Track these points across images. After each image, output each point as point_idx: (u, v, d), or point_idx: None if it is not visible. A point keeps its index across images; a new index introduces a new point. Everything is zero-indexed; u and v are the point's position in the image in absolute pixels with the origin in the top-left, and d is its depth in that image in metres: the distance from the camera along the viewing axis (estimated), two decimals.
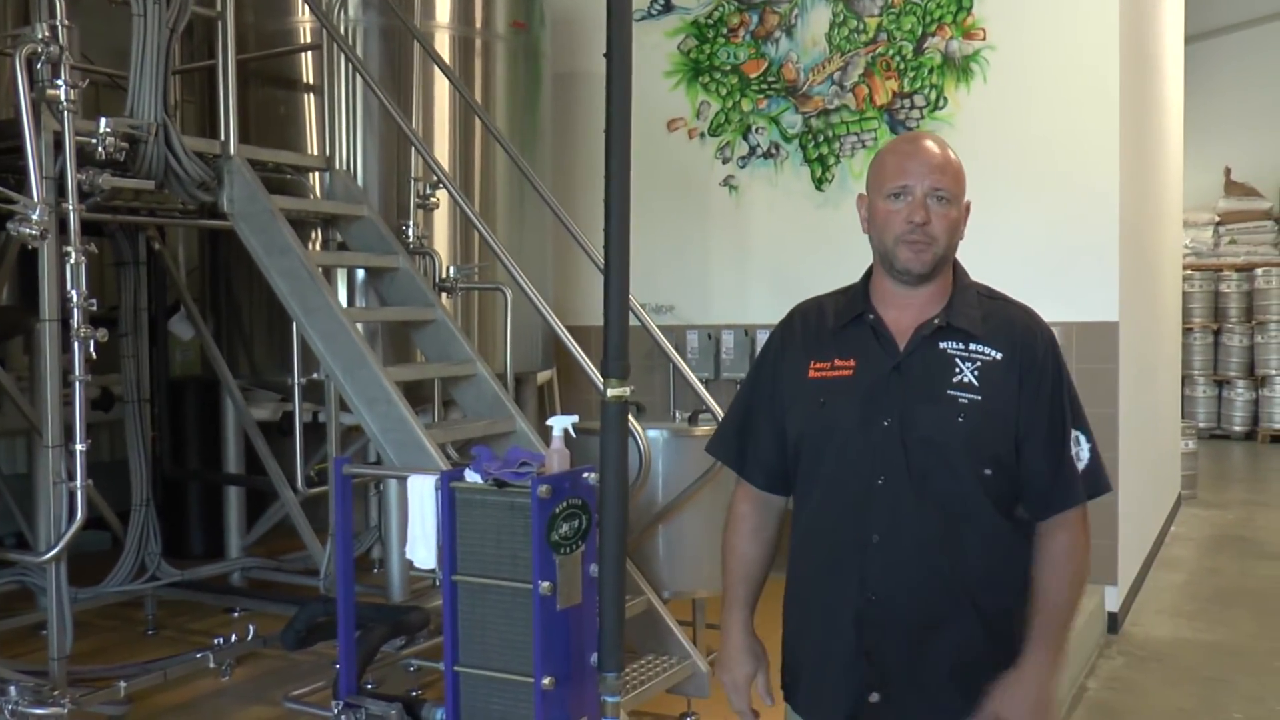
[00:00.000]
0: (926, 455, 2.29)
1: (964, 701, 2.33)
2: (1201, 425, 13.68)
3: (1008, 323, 2.37)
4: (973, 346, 2.33)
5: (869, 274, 2.47)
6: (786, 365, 2.49)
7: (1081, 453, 2.34)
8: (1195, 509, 10.13)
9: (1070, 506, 2.33)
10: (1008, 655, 2.33)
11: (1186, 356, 13.33)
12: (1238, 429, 14.36)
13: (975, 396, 2.29)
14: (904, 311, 2.38)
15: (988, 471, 2.29)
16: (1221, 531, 9.35)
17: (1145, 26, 7.43)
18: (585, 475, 3.54)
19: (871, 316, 2.40)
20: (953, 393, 2.29)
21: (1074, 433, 2.34)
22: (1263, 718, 5.29)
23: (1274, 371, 14.11)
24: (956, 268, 2.44)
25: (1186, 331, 13.37)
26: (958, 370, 2.31)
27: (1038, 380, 2.32)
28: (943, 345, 2.34)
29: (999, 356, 2.32)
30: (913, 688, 2.33)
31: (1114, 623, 6.39)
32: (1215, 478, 11.80)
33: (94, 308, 4.06)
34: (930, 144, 2.40)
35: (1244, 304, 14.45)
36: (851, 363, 2.38)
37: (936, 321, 2.35)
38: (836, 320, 2.45)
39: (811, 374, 2.41)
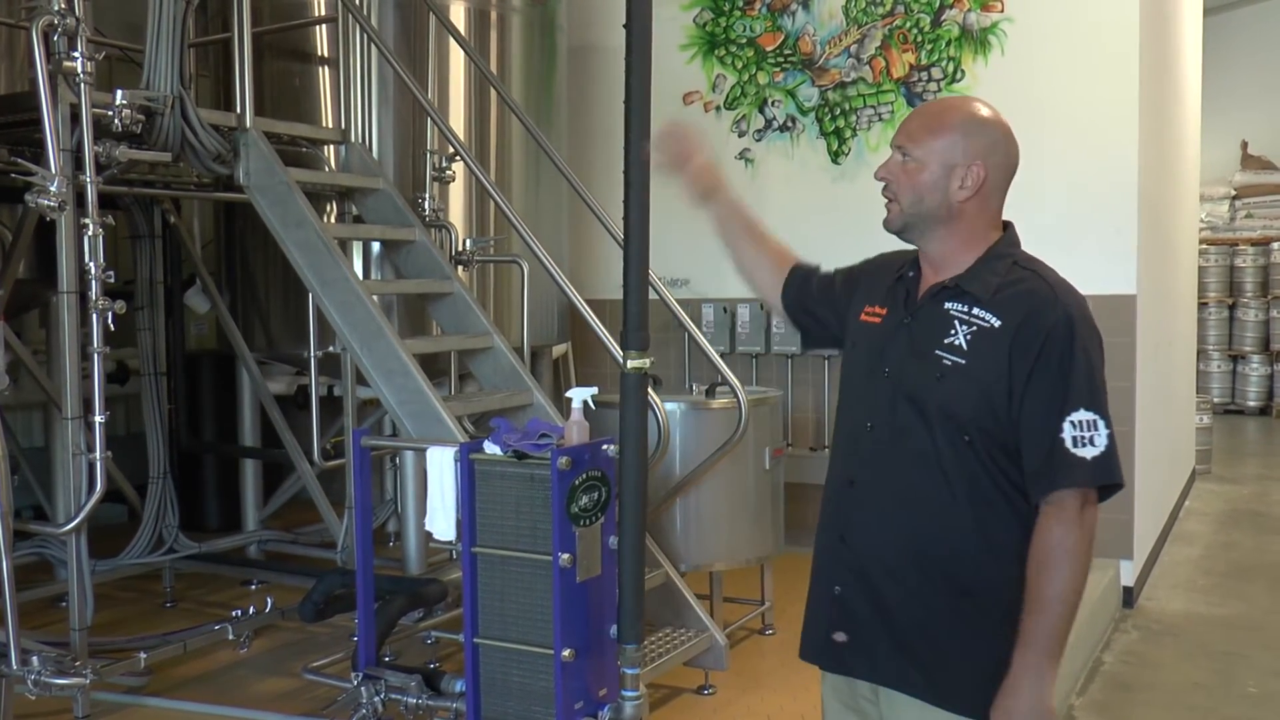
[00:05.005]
0: (908, 411, 2.32)
1: (928, 665, 2.31)
2: (1216, 400, 13.63)
3: (1026, 293, 2.29)
4: (975, 311, 2.30)
5: None
6: (856, 294, 2.58)
7: (1097, 438, 2.20)
8: (1209, 484, 10.11)
9: (1060, 488, 2.20)
10: (987, 632, 2.27)
11: (1201, 331, 13.27)
12: (1252, 404, 14.32)
13: (959, 360, 2.27)
14: (937, 273, 2.40)
15: (967, 438, 2.25)
16: (1236, 506, 9.34)
17: None
18: (605, 447, 3.54)
19: (911, 274, 2.45)
20: (939, 353, 2.30)
21: (1085, 415, 2.20)
22: (1278, 692, 5.29)
23: None
24: (1006, 233, 2.41)
25: (1201, 306, 13.30)
26: (952, 332, 2.30)
27: (1036, 355, 2.22)
28: (948, 305, 2.33)
29: (997, 325, 2.26)
30: (877, 636, 2.35)
31: (1129, 597, 6.39)
32: (1229, 452, 11.77)
33: (112, 280, 4.06)
34: (923, 105, 2.48)
35: (1260, 278, 14.39)
36: (884, 312, 2.46)
37: (947, 282, 2.35)
38: (894, 274, 2.50)
39: (861, 317, 2.51)
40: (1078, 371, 2.23)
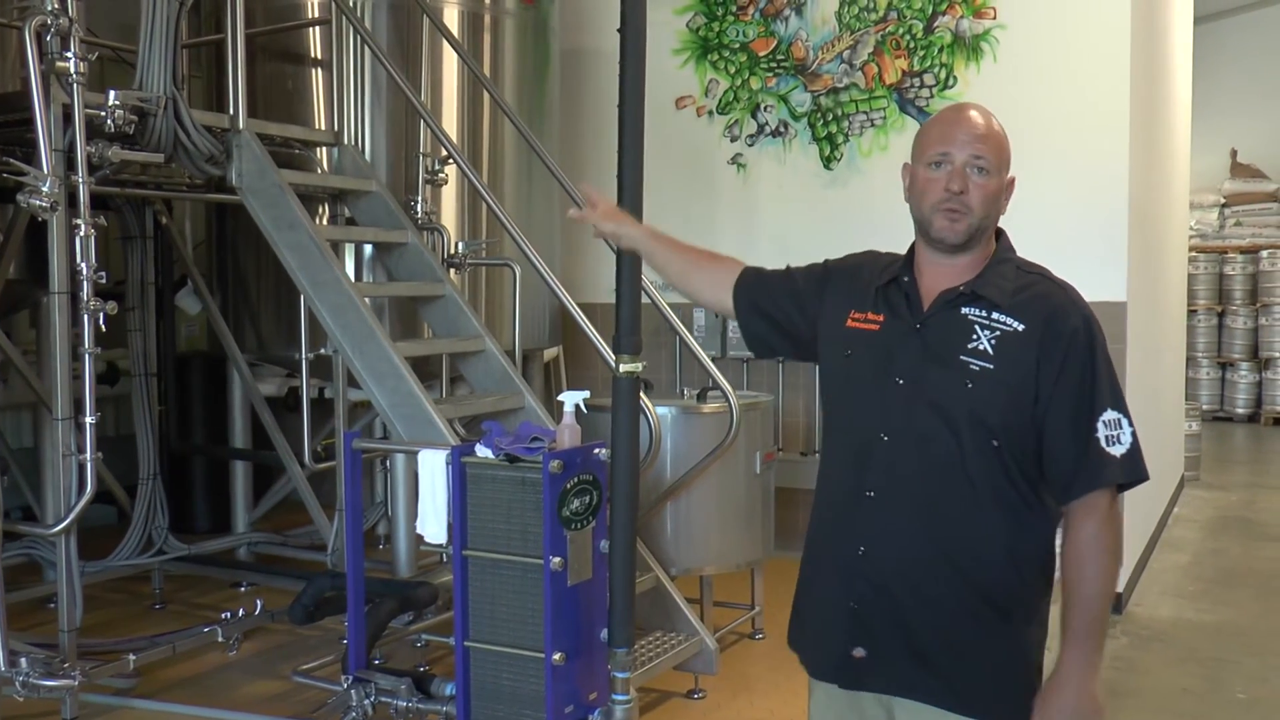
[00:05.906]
0: (931, 418, 2.29)
1: (950, 672, 2.31)
2: (1205, 407, 13.63)
3: (1040, 297, 2.32)
4: (995, 316, 2.30)
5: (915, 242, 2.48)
6: (830, 296, 2.53)
7: (1123, 436, 2.26)
8: (1198, 490, 10.12)
9: (1098, 487, 2.25)
10: (1009, 636, 2.29)
11: (1190, 338, 13.27)
12: (1241, 411, 14.33)
13: (988, 365, 2.27)
14: (939, 278, 2.38)
15: (995, 443, 2.26)
16: (1224, 513, 9.35)
17: (1155, 6, 7.40)
18: (596, 451, 3.54)
19: (906, 279, 2.42)
20: (965, 359, 2.28)
21: (1112, 415, 2.26)
22: (1266, 698, 5.30)
23: (1278, 354, 14.03)
24: (1001, 240, 2.43)
25: (1191, 313, 13.30)
26: (975, 337, 2.29)
27: (1063, 358, 2.26)
28: (964, 311, 2.33)
29: (1020, 328, 2.28)
30: (896, 649, 2.33)
31: (1118, 603, 6.39)
32: (1218, 460, 11.78)
33: (103, 280, 4.06)
34: (975, 114, 2.38)
35: (1248, 286, 14.40)
36: (881, 318, 2.42)
37: (961, 288, 2.34)
38: (881, 277, 2.46)
39: (849, 323, 2.46)
40: (1101, 372, 2.28)
